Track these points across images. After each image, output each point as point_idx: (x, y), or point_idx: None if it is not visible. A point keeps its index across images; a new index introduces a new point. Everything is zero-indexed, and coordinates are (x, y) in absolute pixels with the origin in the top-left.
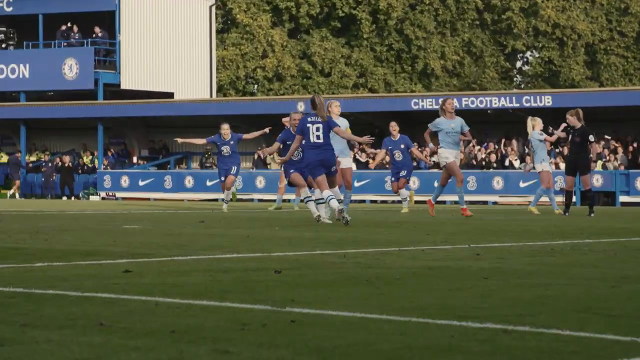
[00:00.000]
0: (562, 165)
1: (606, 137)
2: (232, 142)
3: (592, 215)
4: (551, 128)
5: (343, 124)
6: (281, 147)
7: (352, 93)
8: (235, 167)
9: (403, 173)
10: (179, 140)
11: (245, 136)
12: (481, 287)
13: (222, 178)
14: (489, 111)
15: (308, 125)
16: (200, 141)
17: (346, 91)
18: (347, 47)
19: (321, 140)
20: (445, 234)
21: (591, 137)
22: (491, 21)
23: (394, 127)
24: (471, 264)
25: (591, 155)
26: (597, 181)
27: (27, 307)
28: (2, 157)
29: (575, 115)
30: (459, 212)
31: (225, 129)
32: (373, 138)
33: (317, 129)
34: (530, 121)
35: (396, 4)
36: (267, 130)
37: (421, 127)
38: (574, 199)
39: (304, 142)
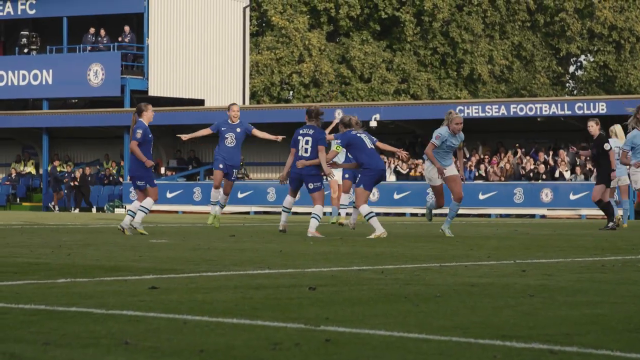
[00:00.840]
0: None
1: None
2: (239, 130)
3: (609, 227)
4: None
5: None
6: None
7: (393, 100)
8: (236, 170)
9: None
10: (183, 137)
11: (256, 132)
12: (526, 305)
13: (221, 166)
14: (538, 119)
15: (299, 137)
16: (205, 132)
17: (387, 98)
18: (388, 50)
19: (308, 154)
20: (489, 249)
21: (606, 146)
22: (543, 23)
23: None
24: (516, 280)
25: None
26: None
27: (50, 325)
28: (28, 167)
29: (596, 124)
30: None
31: (235, 110)
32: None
33: (307, 142)
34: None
35: (442, 4)
36: (279, 138)
37: (466, 135)
38: (620, 211)
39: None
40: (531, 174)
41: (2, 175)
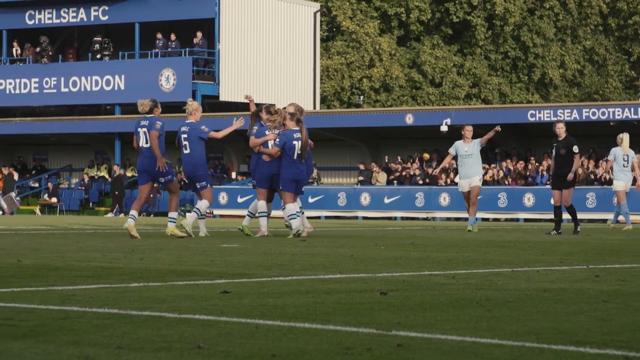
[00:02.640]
0: None
1: None
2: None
3: (579, 232)
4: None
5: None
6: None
7: (465, 104)
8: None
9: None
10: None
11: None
12: (600, 311)
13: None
14: (611, 123)
15: (294, 142)
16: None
17: (458, 102)
18: (459, 55)
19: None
20: (561, 254)
21: (575, 148)
22: (616, 26)
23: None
24: (590, 286)
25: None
26: None
27: (123, 329)
28: (101, 171)
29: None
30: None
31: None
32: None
33: (300, 148)
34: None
35: (514, 8)
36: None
37: (538, 140)
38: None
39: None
40: (603, 179)
41: (75, 180)
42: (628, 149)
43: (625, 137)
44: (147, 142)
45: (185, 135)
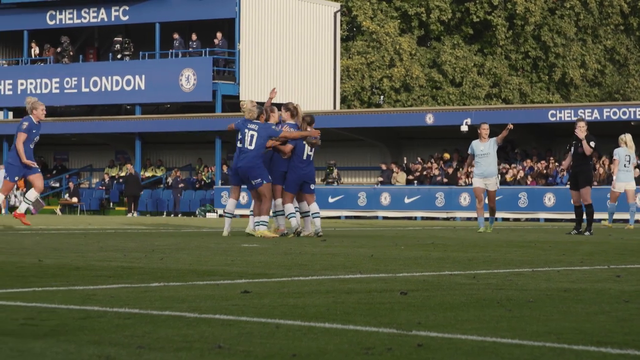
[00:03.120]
0: None
1: None
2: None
3: (591, 233)
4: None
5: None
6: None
7: (485, 104)
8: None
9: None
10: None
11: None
12: (621, 311)
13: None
14: (632, 123)
15: (304, 142)
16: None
17: (478, 102)
18: (480, 55)
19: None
20: (582, 254)
21: (592, 143)
22: (637, 26)
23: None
24: (611, 286)
25: (594, 165)
26: None
27: (143, 329)
28: (123, 171)
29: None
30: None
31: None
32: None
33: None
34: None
35: (534, 8)
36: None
37: (559, 140)
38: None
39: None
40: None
41: (96, 180)
42: (631, 148)
43: (628, 138)
44: (251, 145)
45: (254, 132)
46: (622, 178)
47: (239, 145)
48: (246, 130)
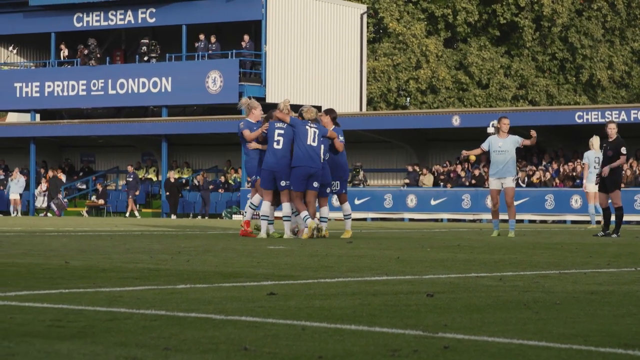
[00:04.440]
0: None
1: None
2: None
3: (619, 235)
4: None
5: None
6: None
7: (512, 106)
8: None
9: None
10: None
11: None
12: None
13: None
14: None
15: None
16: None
17: (505, 104)
18: (506, 56)
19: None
20: (609, 255)
21: (623, 150)
22: None
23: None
24: (638, 288)
25: (623, 170)
26: None
27: (170, 331)
28: (149, 173)
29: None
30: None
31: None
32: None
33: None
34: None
35: (561, 9)
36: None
37: (586, 142)
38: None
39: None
40: None
41: (122, 182)
42: (599, 151)
43: (595, 140)
44: (314, 141)
45: (282, 132)
46: (593, 179)
47: (301, 144)
48: (307, 128)
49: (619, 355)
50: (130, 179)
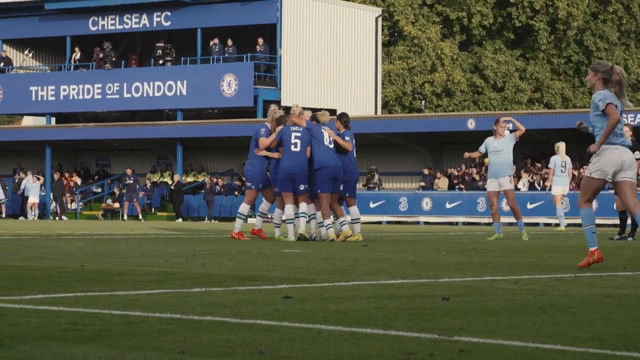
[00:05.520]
0: None
1: None
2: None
3: (634, 238)
4: None
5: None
6: None
7: (527, 109)
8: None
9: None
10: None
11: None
12: None
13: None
14: None
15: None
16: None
17: (520, 107)
18: (522, 59)
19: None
20: (625, 259)
21: (637, 154)
22: None
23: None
24: None
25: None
26: None
27: (185, 334)
28: (165, 177)
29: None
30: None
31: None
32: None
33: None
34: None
35: (577, 12)
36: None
37: None
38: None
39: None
40: None
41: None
42: (565, 156)
43: (561, 146)
44: (330, 143)
45: (299, 134)
46: (559, 182)
47: (321, 145)
48: (323, 130)
49: (635, 358)
50: (131, 182)
